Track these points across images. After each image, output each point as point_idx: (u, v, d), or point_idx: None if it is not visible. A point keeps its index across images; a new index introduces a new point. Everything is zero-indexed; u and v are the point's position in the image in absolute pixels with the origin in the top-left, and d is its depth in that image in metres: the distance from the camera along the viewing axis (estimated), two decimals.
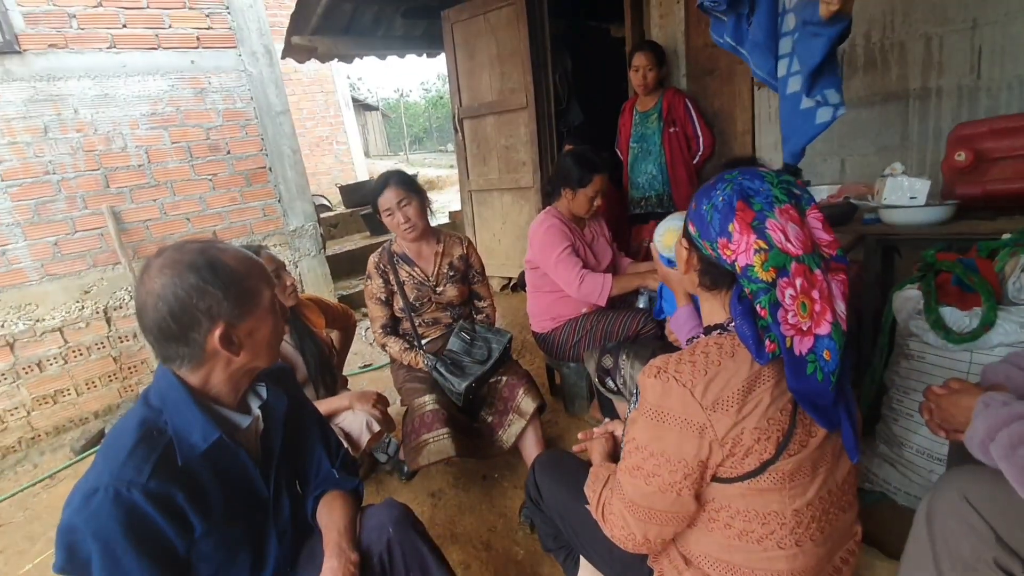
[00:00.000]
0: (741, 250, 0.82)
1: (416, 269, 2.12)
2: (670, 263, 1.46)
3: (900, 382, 1.61)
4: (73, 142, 3.02)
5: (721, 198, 0.85)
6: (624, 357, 1.96)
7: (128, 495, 0.84)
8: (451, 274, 2.16)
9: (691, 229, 0.91)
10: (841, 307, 0.82)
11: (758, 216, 0.81)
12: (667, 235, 1.47)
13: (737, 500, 0.87)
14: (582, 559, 1.20)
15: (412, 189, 2.04)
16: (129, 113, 3.16)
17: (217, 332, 0.90)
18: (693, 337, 0.93)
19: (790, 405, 0.84)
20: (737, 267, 0.83)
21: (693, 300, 1.38)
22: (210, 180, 3.47)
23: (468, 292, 2.24)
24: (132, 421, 0.92)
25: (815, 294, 0.81)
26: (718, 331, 0.90)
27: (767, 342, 0.81)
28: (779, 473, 0.84)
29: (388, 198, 2.00)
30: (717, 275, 0.90)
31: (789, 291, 0.79)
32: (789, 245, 0.80)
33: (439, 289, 2.14)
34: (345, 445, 1.36)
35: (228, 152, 3.52)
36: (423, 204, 2.07)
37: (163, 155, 3.29)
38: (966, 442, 0.98)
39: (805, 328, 0.80)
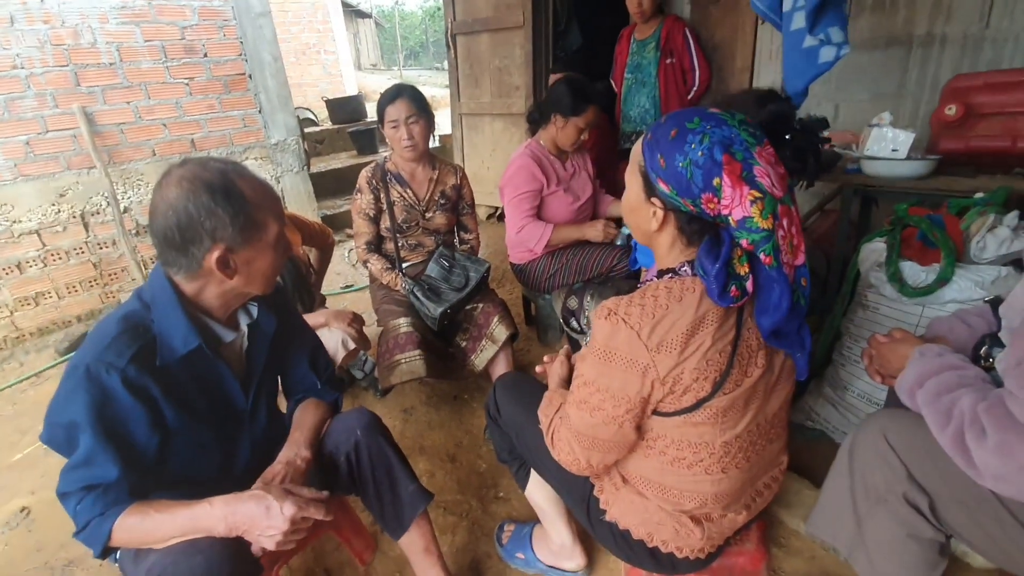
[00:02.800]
0: (735, 204, 0.80)
1: (408, 191, 2.10)
2: None
3: (854, 330, 1.68)
4: (40, 34, 2.85)
5: (700, 152, 0.81)
6: (588, 298, 2.01)
7: (105, 376, 0.90)
8: (442, 202, 2.15)
9: (664, 189, 0.87)
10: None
11: (744, 166, 0.80)
12: None
13: (672, 431, 0.94)
14: (532, 471, 1.29)
15: (423, 108, 2.01)
16: (97, 5, 2.96)
17: (216, 253, 0.93)
18: (645, 280, 0.96)
19: (729, 348, 0.88)
20: (731, 220, 0.82)
21: None
22: (186, 84, 3.32)
23: (455, 221, 2.25)
24: (121, 312, 0.97)
25: (794, 230, 0.84)
26: (669, 275, 0.92)
27: (732, 288, 0.83)
28: (713, 409, 0.90)
29: (398, 109, 1.96)
30: (701, 227, 0.89)
31: (780, 232, 0.82)
32: (775, 189, 0.81)
33: (428, 215, 2.14)
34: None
35: (205, 55, 3.34)
36: (429, 126, 2.04)
37: (135, 53, 3.12)
38: (896, 387, 1.05)
39: (791, 263, 0.84)
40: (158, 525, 0.91)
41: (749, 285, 0.84)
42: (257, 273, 1.01)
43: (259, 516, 0.93)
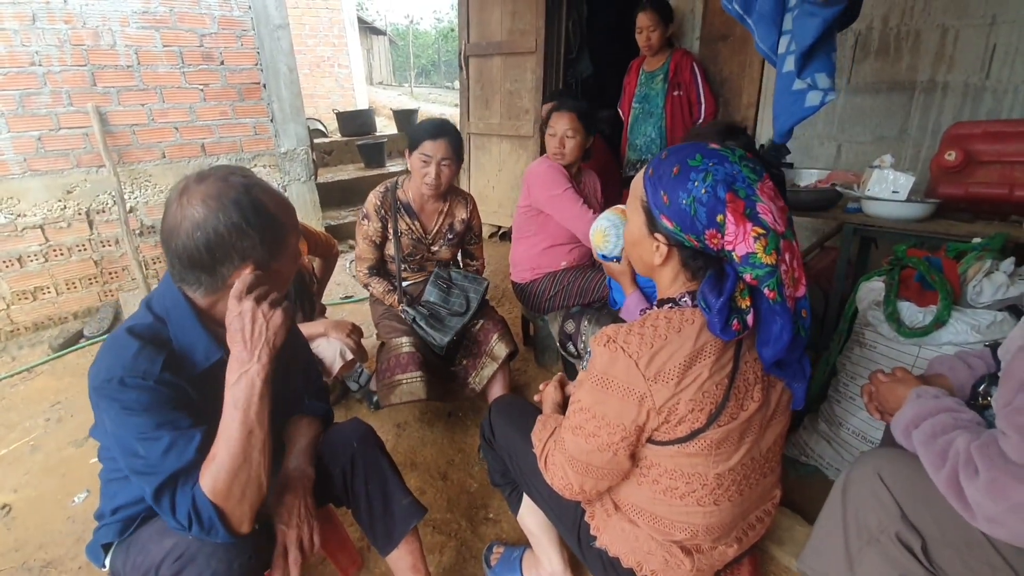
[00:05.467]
0: (739, 240, 0.82)
1: (416, 223, 2.07)
2: (605, 258, 1.52)
3: (850, 367, 1.69)
4: (61, 33, 2.90)
5: (703, 190, 0.83)
6: (586, 322, 2.01)
7: (143, 382, 0.88)
8: (450, 236, 2.13)
9: (668, 225, 0.88)
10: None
11: (747, 203, 0.82)
12: (595, 236, 1.53)
13: (666, 460, 0.94)
14: (524, 496, 1.28)
15: (458, 154, 1.97)
16: (119, 8, 3.02)
17: (246, 271, 0.92)
18: (646, 309, 0.97)
19: (726, 380, 0.89)
20: (735, 256, 0.83)
21: (639, 288, 1.45)
22: (201, 90, 3.37)
23: (460, 251, 2.25)
24: (134, 326, 0.94)
25: (795, 263, 0.85)
26: (669, 305, 0.93)
27: (734, 322, 0.84)
28: (707, 441, 0.90)
29: (437, 148, 1.90)
30: (705, 262, 0.90)
31: (783, 267, 0.83)
32: (777, 225, 0.82)
33: (434, 248, 2.12)
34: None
35: (222, 63, 3.40)
36: (457, 170, 2.02)
37: (153, 58, 3.17)
38: (891, 425, 1.06)
39: (792, 295, 0.85)
40: (229, 454, 0.88)
41: (750, 319, 0.85)
42: (276, 285, 1.00)
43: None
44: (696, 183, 0.84)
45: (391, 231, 2.05)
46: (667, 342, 0.86)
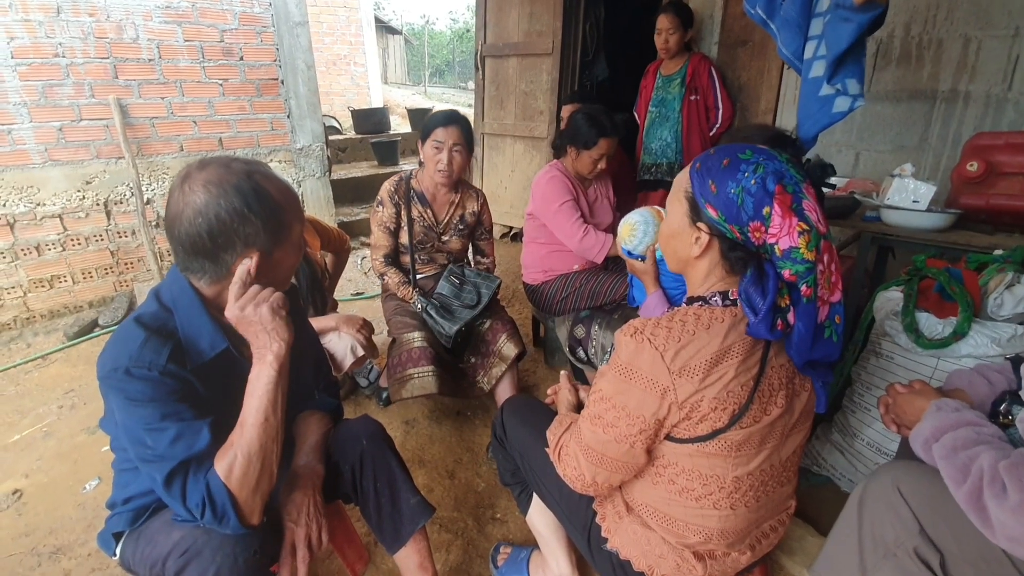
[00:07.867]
0: (783, 233, 0.82)
1: (428, 211, 2.12)
2: (630, 255, 1.52)
3: (866, 378, 1.67)
4: (85, 26, 2.94)
5: (753, 181, 0.84)
6: (596, 327, 2.01)
7: (148, 373, 0.87)
8: (460, 227, 2.18)
9: (712, 214, 0.89)
10: None
11: (794, 198, 0.83)
12: (623, 229, 1.53)
13: (684, 459, 0.93)
14: (535, 496, 1.28)
15: (468, 141, 2.03)
16: (143, 3, 3.06)
17: (254, 258, 0.93)
18: (667, 311, 0.97)
19: (751, 382, 0.88)
20: (777, 250, 0.84)
21: (662, 287, 1.44)
22: (220, 85, 3.40)
23: (470, 245, 2.28)
24: (143, 314, 0.94)
25: (833, 266, 0.86)
26: (698, 303, 0.93)
27: (779, 322, 0.85)
28: (727, 442, 0.89)
29: (448, 134, 1.97)
30: (744, 256, 0.90)
31: (820, 267, 0.84)
32: (820, 225, 0.84)
33: (444, 238, 2.17)
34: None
35: (241, 58, 3.43)
36: (468, 159, 2.07)
37: (174, 52, 3.21)
38: (911, 438, 1.04)
39: (827, 299, 0.86)
40: (245, 440, 0.88)
41: (791, 316, 0.86)
42: (281, 273, 1.01)
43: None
44: (747, 174, 0.85)
45: (404, 218, 2.09)
46: (695, 338, 0.86)
